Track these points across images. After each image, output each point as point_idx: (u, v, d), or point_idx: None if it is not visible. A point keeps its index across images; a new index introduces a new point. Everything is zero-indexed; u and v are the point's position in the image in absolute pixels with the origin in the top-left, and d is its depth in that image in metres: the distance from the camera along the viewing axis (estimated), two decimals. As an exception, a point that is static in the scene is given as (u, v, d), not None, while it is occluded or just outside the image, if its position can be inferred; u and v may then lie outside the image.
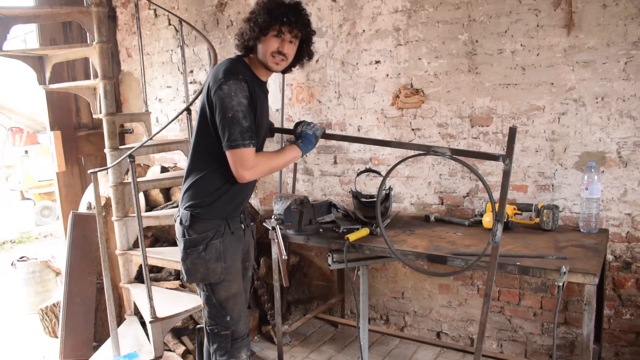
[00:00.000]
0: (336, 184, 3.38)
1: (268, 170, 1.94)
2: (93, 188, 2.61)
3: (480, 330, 1.85)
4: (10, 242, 6.85)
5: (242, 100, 1.79)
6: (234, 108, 1.77)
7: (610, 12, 2.40)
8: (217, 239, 1.95)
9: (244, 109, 1.79)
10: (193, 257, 1.95)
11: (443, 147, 1.92)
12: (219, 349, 2.04)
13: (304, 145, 2.03)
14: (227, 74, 1.80)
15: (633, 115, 2.42)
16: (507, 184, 1.75)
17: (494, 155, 1.83)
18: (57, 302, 3.45)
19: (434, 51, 2.88)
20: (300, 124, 2.10)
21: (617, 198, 2.52)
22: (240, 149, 1.80)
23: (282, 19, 1.82)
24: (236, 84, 1.78)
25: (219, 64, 1.90)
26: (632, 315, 2.58)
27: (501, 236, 1.79)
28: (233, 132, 1.78)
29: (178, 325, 3.09)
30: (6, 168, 8.17)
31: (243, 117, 1.78)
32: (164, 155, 4.23)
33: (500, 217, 1.77)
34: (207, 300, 2.01)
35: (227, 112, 1.78)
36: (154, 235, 3.46)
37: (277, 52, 1.87)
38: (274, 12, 1.82)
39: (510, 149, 1.73)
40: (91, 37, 3.04)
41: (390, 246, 2.02)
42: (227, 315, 2.01)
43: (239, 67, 1.86)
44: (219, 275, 1.96)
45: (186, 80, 3.45)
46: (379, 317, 3.37)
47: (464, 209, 2.94)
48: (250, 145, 1.81)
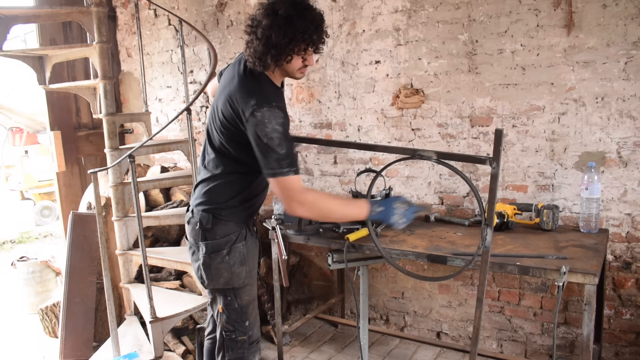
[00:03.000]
0: (336, 184, 3.38)
1: (322, 212, 1.81)
2: (93, 188, 2.61)
3: (474, 334, 1.83)
4: (10, 242, 6.85)
5: (277, 127, 1.70)
6: (269, 135, 1.69)
7: (610, 12, 2.40)
8: (240, 242, 1.90)
9: (279, 135, 1.70)
10: (217, 262, 1.89)
11: (429, 151, 1.89)
12: (234, 355, 1.98)
13: (380, 213, 1.88)
14: (259, 100, 1.71)
15: (633, 115, 2.42)
16: (495, 187, 1.72)
17: (480, 159, 1.80)
18: (57, 302, 3.45)
19: (434, 51, 2.88)
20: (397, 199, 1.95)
21: (617, 198, 2.52)
22: (279, 178, 1.71)
23: (318, 44, 1.77)
24: (270, 111, 1.70)
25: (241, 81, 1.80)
26: (632, 315, 2.58)
27: (491, 239, 1.75)
28: (269, 161, 1.71)
29: (178, 325, 3.09)
30: (6, 168, 8.17)
31: (278, 144, 1.70)
32: (164, 155, 4.23)
33: (489, 222, 1.73)
34: (229, 306, 1.94)
35: (262, 139, 1.70)
36: (154, 235, 3.46)
37: (304, 66, 1.82)
38: (309, 38, 1.72)
39: (497, 152, 1.69)
40: (91, 37, 3.04)
41: (378, 245, 2.02)
42: (247, 320, 1.97)
43: (267, 88, 1.78)
44: (243, 280, 1.92)
45: (186, 80, 3.45)
46: (379, 317, 3.37)
47: (464, 209, 2.94)
48: (289, 173, 1.71)
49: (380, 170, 2.06)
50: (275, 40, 1.69)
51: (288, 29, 1.68)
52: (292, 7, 1.69)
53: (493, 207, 1.72)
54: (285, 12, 1.67)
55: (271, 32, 1.69)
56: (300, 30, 1.69)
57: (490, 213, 1.73)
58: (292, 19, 1.68)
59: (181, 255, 2.89)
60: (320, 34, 1.76)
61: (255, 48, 1.73)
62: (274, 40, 1.69)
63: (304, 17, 1.70)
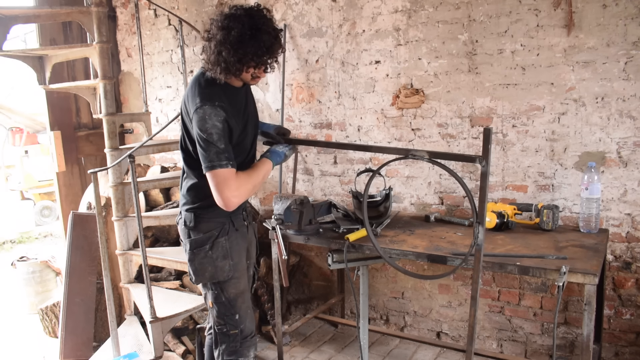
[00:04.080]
0: (336, 184, 3.38)
1: (252, 188, 1.90)
2: (93, 188, 2.61)
3: (470, 332, 1.84)
4: (10, 242, 6.85)
5: (217, 124, 1.77)
6: (208, 131, 1.76)
7: (610, 12, 2.40)
8: (222, 237, 1.96)
9: (219, 131, 1.77)
10: (200, 257, 1.95)
11: (421, 151, 1.93)
12: (228, 348, 2.02)
13: (273, 157, 2.03)
14: (203, 98, 1.78)
15: (633, 115, 2.42)
16: (485, 185, 1.73)
17: (470, 157, 1.83)
18: (57, 302, 3.45)
19: (434, 51, 2.88)
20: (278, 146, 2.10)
21: (617, 198, 2.52)
22: (217, 170, 1.77)
23: (267, 65, 1.82)
24: (211, 108, 1.76)
25: (194, 83, 1.88)
26: (632, 315, 2.58)
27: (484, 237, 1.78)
28: (209, 154, 1.77)
29: (178, 325, 3.09)
30: (6, 168, 8.17)
31: (218, 139, 1.76)
32: (164, 155, 4.23)
33: (481, 220, 1.76)
34: (216, 299, 2.00)
35: (202, 134, 1.76)
36: (154, 235, 3.46)
37: (257, 76, 1.89)
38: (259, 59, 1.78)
39: (486, 150, 1.71)
40: (91, 37, 3.04)
41: (375, 244, 2.02)
42: (236, 313, 2.01)
43: (214, 89, 1.83)
44: (227, 273, 1.97)
45: (186, 80, 3.45)
46: (379, 317, 3.37)
47: (464, 209, 2.94)
48: (227, 166, 1.77)
49: (375, 170, 2.07)
50: (225, 56, 1.74)
51: (238, 49, 1.73)
52: (246, 27, 1.72)
53: (484, 205, 1.74)
54: (238, 32, 1.71)
55: (222, 48, 1.74)
56: (251, 52, 1.75)
57: (481, 211, 1.75)
58: (244, 40, 1.72)
59: (181, 255, 2.87)
60: (272, 54, 1.81)
61: (208, 57, 1.80)
62: (224, 56, 1.74)
63: (256, 38, 1.74)
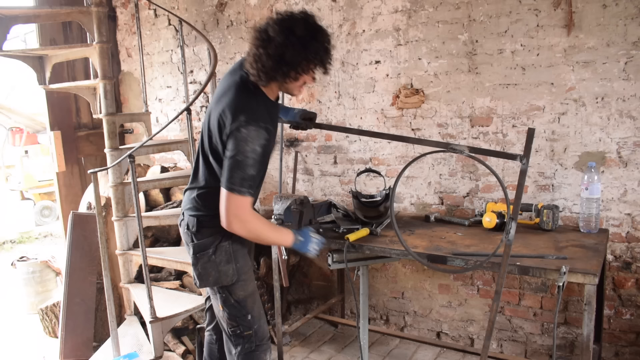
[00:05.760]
0: (336, 184, 3.38)
1: (255, 236, 1.87)
2: (93, 188, 2.61)
3: (489, 327, 1.86)
4: (10, 242, 6.85)
5: (257, 148, 1.73)
6: (246, 154, 1.72)
7: (610, 12, 2.40)
8: (226, 241, 1.92)
9: (256, 157, 1.74)
10: (203, 261, 1.92)
11: (461, 145, 1.95)
12: (243, 350, 1.99)
13: (300, 243, 2.01)
14: (249, 117, 1.73)
15: (633, 115, 2.42)
16: (523, 182, 1.80)
17: (512, 155, 1.88)
18: (57, 302, 3.45)
19: (434, 51, 2.88)
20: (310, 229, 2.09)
21: (617, 198, 2.52)
22: (235, 195, 1.74)
23: (326, 65, 1.83)
24: (256, 130, 1.73)
25: (236, 91, 1.82)
26: (632, 315, 2.58)
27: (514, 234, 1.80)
28: (233, 175, 1.73)
29: (178, 325, 3.09)
30: (6, 168, 8.18)
31: (252, 165, 1.73)
32: (164, 155, 4.23)
33: (515, 216, 1.78)
34: (225, 302, 1.97)
35: (237, 155, 1.72)
36: (154, 235, 3.46)
37: (303, 83, 1.88)
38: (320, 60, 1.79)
39: (527, 149, 1.78)
40: (91, 37, 3.04)
41: (405, 244, 2.02)
42: (248, 313, 1.98)
43: (260, 107, 1.80)
44: (231, 278, 1.93)
45: (186, 80, 3.45)
46: (379, 317, 3.37)
47: (464, 209, 2.94)
48: (246, 194, 1.75)
49: (409, 162, 2.08)
50: (288, 58, 1.73)
51: (302, 50, 1.74)
52: (308, 29, 1.75)
53: (519, 202, 1.80)
54: (301, 33, 1.72)
55: (285, 50, 1.72)
56: (313, 51, 1.76)
57: (516, 208, 1.79)
58: (307, 40, 1.74)
59: (181, 255, 2.89)
60: (330, 55, 1.83)
61: (264, 63, 1.75)
62: (287, 58, 1.73)
63: (317, 39, 1.77)
